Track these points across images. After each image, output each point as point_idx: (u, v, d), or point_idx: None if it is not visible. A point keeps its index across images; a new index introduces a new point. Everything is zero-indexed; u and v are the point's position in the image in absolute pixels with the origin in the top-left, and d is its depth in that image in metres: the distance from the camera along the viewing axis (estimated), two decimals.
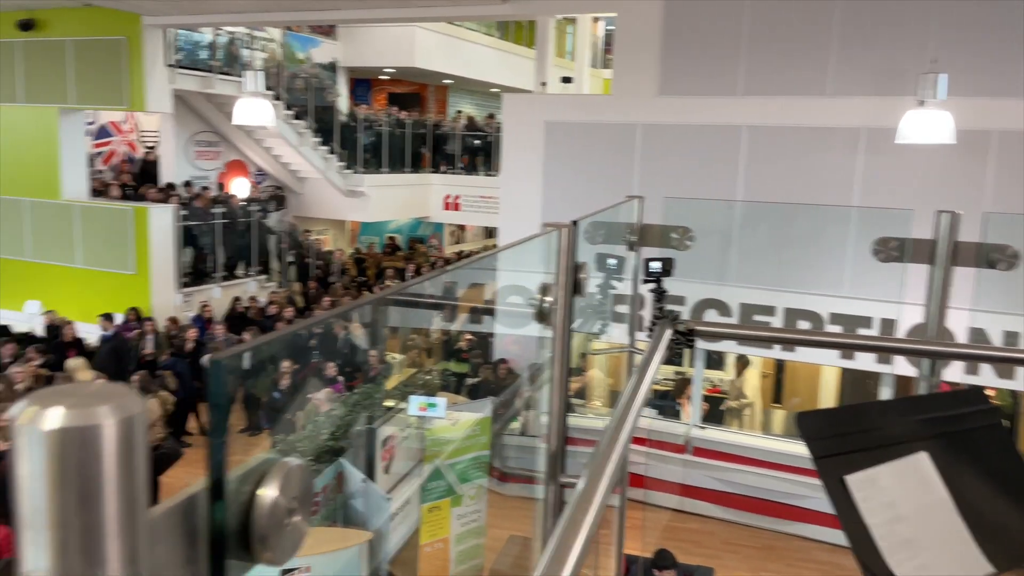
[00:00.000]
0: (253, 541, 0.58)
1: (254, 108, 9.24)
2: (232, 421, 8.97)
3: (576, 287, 1.59)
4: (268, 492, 0.59)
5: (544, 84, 11.57)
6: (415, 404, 6.50)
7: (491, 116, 19.53)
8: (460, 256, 21.80)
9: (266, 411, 10.34)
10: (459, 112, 20.88)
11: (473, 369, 11.19)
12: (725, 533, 8.54)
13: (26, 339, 11.44)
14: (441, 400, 7.68)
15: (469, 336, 12.23)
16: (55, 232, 13.05)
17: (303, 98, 15.75)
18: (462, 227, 23.07)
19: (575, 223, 1.62)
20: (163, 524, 0.52)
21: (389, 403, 8.16)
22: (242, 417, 11.21)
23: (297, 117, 15.36)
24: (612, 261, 2.37)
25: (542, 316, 1.47)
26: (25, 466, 0.46)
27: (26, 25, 12.43)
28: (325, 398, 8.08)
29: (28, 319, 12.72)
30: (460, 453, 7.29)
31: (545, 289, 1.46)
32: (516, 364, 10.23)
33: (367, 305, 10.85)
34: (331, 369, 9.54)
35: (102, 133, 14.98)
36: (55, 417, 0.46)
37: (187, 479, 7.81)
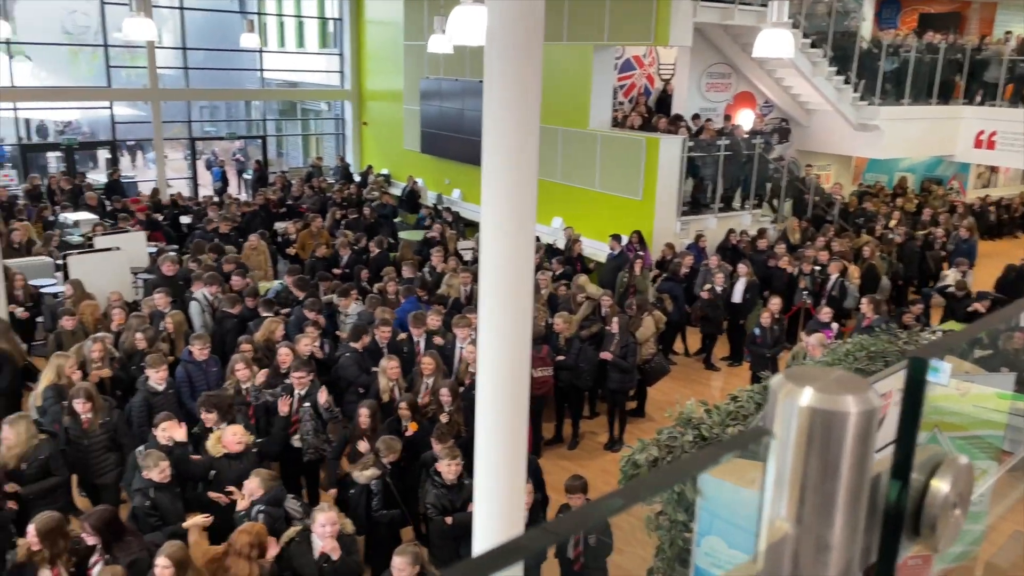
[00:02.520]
0: (922, 525, 0.62)
1: (776, 39, 9.06)
2: (716, 349, 9.27)
3: None
4: (941, 485, 0.62)
5: None
6: None
7: None
8: (985, 202, 18.86)
9: (747, 345, 10.49)
10: (1008, 32, 17.69)
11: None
12: None
13: (550, 250, 13.37)
14: (946, 365, 6.90)
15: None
16: (580, 158, 14.76)
17: (823, 24, 14.94)
18: (994, 169, 19.85)
19: None
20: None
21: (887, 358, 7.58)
22: (725, 346, 11.60)
23: (813, 45, 14.68)
24: None
25: None
26: (780, 430, 0.55)
27: None
28: (816, 343, 7.83)
29: (553, 233, 14.79)
30: (961, 428, 6.53)
31: None
32: None
33: None
34: (825, 313, 9.19)
35: (626, 67, 16.31)
36: (807, 396, 0.54)
37: (673, 395, 8.35)
